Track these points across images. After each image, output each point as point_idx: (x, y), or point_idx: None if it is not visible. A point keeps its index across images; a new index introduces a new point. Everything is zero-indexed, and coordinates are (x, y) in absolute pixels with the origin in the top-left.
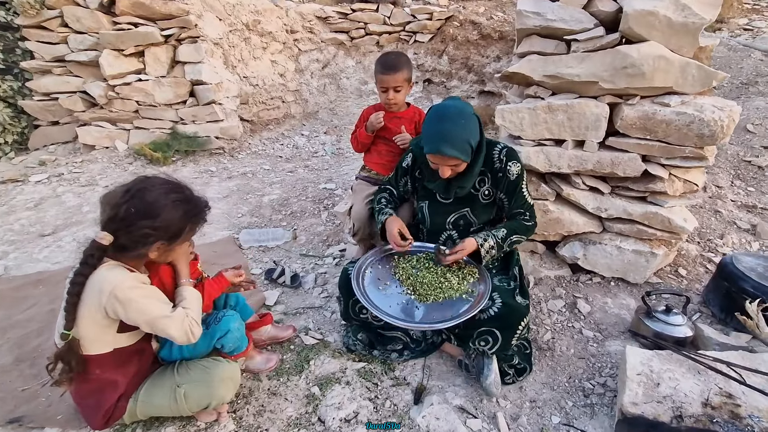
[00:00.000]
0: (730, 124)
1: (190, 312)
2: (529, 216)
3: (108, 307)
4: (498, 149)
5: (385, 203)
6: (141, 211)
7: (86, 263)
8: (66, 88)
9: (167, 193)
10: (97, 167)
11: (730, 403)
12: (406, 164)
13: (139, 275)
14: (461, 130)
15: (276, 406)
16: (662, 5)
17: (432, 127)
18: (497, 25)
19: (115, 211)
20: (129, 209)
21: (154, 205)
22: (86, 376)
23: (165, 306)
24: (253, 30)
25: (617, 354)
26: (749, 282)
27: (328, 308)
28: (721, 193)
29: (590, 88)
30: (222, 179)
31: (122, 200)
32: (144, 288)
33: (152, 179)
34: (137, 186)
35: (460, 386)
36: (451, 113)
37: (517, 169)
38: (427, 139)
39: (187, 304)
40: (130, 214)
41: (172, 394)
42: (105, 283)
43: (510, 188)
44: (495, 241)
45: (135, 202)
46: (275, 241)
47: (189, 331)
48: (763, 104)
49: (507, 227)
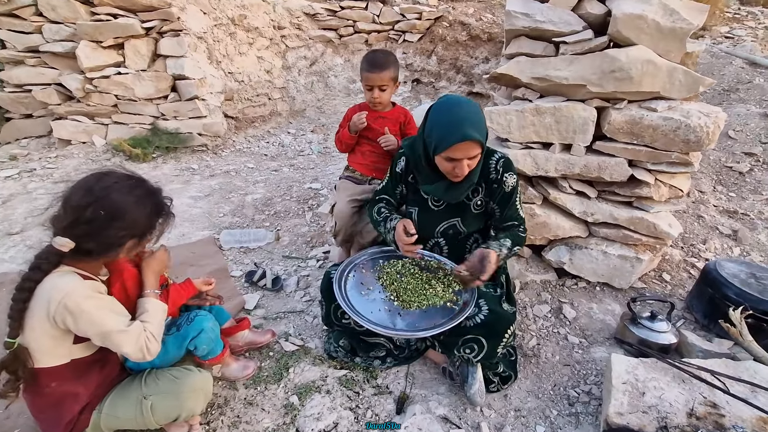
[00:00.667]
0: (715, 131)
1: (149, 326)
2: (522, 229)
3: (57, 318)
4: (495, 159)
5: (386, 211)
6: (110, 212)
7: (38, 268)
8: (40, 79)
9: (131, 189)
10: (73, 163)
11: (715, 413)
12: (399, 169)
13: (95, 284)
14: (476, 111)
15: (252, 416)
16: (651, 9)
17: (447, 117)
18: (486, 27)
19: (79, 214)
20: (97, 211)
21: (121, 203)
22: (41, 389)
23: (121, 319)
24: (239, 25)
25: (602, 361)
26: (732, 289)
27: (310, 313)
28: (704, 198)
29: (578, 91)
30: (204, 177)
31: (85, 202)
32: (98, 298)
33: (111, 175)
34: (99, 185)
35: (443, 395)
36: (460, 100)
37: (513, 181)
38: (447, 130)
39: (147, 317)
40: (98, 216)
41: (138, 406)
42: (54, 292)
43: (504, 200)
44: (505, 253)
45: (103, 203)
46: (257, 242)
47: (144, 347)
48: (743, 111)
49: (510, 238)
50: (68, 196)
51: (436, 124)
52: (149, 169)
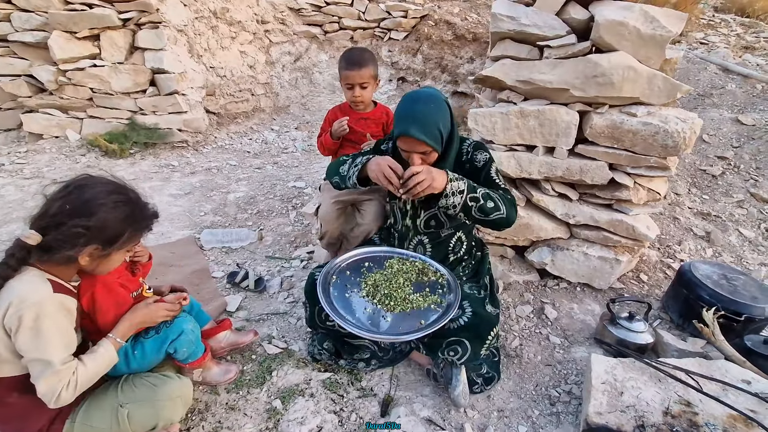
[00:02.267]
0: (692, 136)
1: (81, 372)
2: (503, 191)
3: (7, 324)
4: (467, 144)
5: (350, 158)
6: (75, 207)
7: (6, 264)
8: (9, 70)
9: (109, 192)
10: (45, 158)
11: (689, 411)
12: (385, 147)
13: (65, 299)
14: (431, 112)
15: (234, 422)
16: (632, 16)
17: (402, 110)
18: (471, 27)
19: (47, 206)
20: (63, 205)
21: (91, 202)
22: (3, 400)
23: (63, 353)
24: (221, 18)
25: (582, 361)
26: (706, 290)
27: (293, 314)
28: (680, 201)
29: (561, 95)
30: (184, 174)
31: (57, 195)
32: (58, 319)
33: (96, 177)
34: (77, 182)
35: (428, 396)
36: (422, 97)
37: (484, 156)
38: (397, 123)
39: (91, 361)
40: (62, 210)
41: (113, 415)
42: (17, 298)
43: (477, 174)
44: (466, 182)
45: (71, 198)
46: (239, 242)
47: (56, 394)
48: (717, 116)
49: (485, 188)
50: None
51: (396, 113)
52: (126, 166)
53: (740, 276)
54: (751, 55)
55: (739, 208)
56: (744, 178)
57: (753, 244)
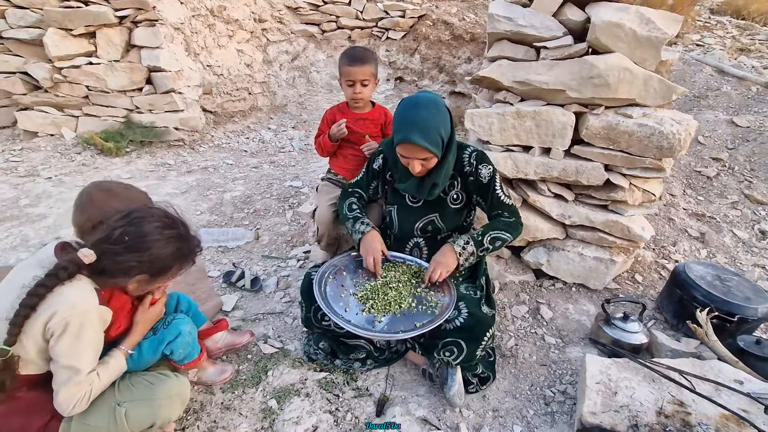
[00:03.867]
0: (687, 138)
1: (96, 386)
2: (508, 214)
3: (50, 329)
4: (468, 152)
5: (358, 211)
6: (134, 241)
7: (55, 275)
8: (3, 67)
9: (164, 227)
10: (40, 156)
11: (682, 411)
12: (377, 166)
13: (107, 312)
14: (433, 118)
15: (229, 421)
16: (628, 18)
17: (402, 116)
18: (469, 27)
19: (108, 233)
20: (122, 236)
21: (148, 237)
22: (11, 394)
23: (92, 363)
24: (218, 16)
25: (577, 361)
26: (699, 291)
27: (289, 314)
28: (675, 202)
29: (558, 96)
30: (180, 173)
31: (118, 224)
32: (98, 330)
33: (154, 209)
34: (138, 214)
35: (423, 396)
36: (423, 102)
37: (488, 171)
38: (397, 128)
39: (104, 371)
40: (122, 241)
41: (111, 414)
42: (64, 306)
43: (483, 191)
44: (470, 238)
45: (131, 230)
46: (236, 242)
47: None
48: (712, 117)
49: (484, 226)
50: (110, 215)
51: (395, 119)
52: (122, 164)
53: (734, 277)
54: (746, 57)
55: (734, 210)
56: (738, 179)
57: (747, 245)
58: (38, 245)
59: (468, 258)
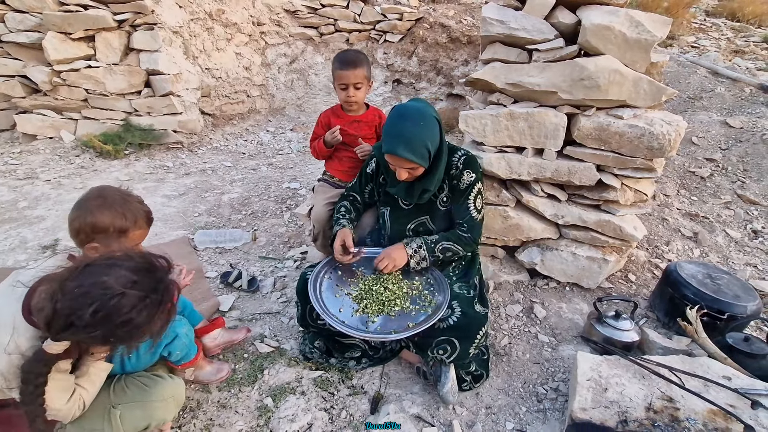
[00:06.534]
0: (676, 138)
1: (86, 397)
2: (466, 228)
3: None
4: (458, 155)
5: (344, 212)
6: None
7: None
8: (3, 71)
9: (142, 298)
10: (39, 159)
11: (671, 407)
12: (370, 170)
13: (63, 364)
14: (420, 131)
15: (225, 419)
16: (618, 21)
17: (391, 127)
18: (466, 29)
19: (70, 317)
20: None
21: (120, 312)
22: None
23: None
24: (217, 20)
25: (570, 359)
26: (690, 289)
27: (286, 314)
28: (668, 202)
29: (550, 98)
30: (179, 175)
31: (87, 314)
32: (53, 380)
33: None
34: (106, 294)
35: (417, 394)
36: (411, 113)
37: (470, 178)
38: (385, 138)
39: (86, 382)
40: (90, 324)
41: (106, 416)
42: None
43: (457, 195)
44: (423, 242)
45: (97, 308)
46: (233, 243)
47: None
48: (706, 118)
49: (441, 234)
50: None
51: (384, 127)
52: (121, 167)
53: (724, 275)
54: (740, 59)
55: (727, 210)
56: (731, 179)
57: (739, 244)
58: (36, 247)
59: (419, 261)
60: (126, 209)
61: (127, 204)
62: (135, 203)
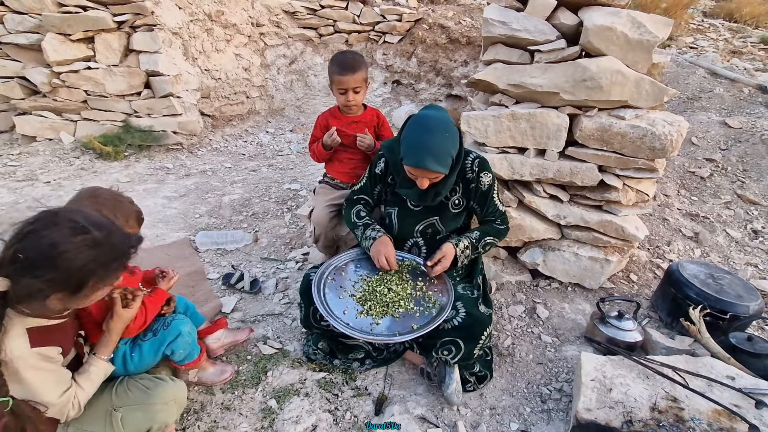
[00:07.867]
0: (678, 139)
1: (80, 393)
2: (500, 221)
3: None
4: (471, 159)
5: (367, 216)
6: (31, 259)
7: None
8: (2, 72)
9: (72, 234)
10: (38, 160)
11: (675, 407)
12: (379, 170)
13: (45, 350)
14: (446, 143)
15: (229, 421)
16: (620, 22)
17: (416, 139)
18: (465, 30)
19: (3, 254)
20: (15, 255)
21: (49, 251)
22: None
23: (57, 389)
24: (216, 21)
25: (573, 359)
26: (693, 289)
27: (288, 315)
28: (669, 202)
29: (552, 99)
30: (179, 177)
31: (11, 241)
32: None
33: (60, 215)
34: (32, 226)
35: (421, 395)
36: (436, 125)
37: (489, 179)
38: (410, 151)
39: (84, 380)
40: (17, 261)
41: (107, 418)
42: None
43: (482, 198)
44: (470, 242)
45: (25, 245)
46: (234, 244)
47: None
48: (705, 119)
49: (480, 230)
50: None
51: (405, 138)
52: (121, 168)
53: (726, 275)
54: (738, 60)
55: (727, 210)
56: (731, 179)
57: (740, 244)
58: None
59: (464, 260)
60: (117, 209)
61: (119, 204)
62: (126, 203)
